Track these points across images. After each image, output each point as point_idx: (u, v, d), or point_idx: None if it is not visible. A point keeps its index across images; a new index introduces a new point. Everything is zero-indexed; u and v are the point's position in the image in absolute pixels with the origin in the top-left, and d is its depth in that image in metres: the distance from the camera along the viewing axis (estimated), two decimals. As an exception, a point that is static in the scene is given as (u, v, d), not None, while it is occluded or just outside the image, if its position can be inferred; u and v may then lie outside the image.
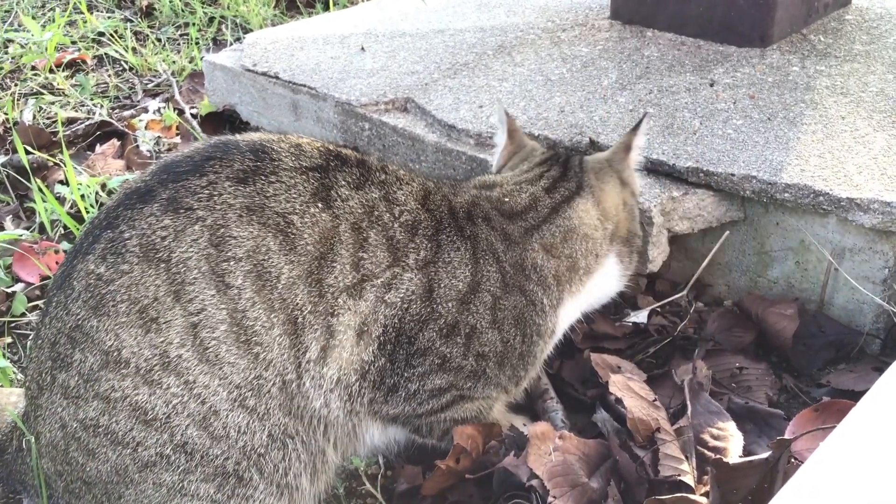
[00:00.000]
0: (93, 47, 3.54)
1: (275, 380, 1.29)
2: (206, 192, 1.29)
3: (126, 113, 3.01)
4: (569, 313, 1.56)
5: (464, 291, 1.40)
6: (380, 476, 1.58)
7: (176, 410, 1.26)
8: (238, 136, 1.41)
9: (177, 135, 2.81)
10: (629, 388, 1.54)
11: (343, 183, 1.36)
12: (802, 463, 1.10)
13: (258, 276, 1.28)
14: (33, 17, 3.66)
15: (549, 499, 1.34)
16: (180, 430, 1.27)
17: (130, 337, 1.25)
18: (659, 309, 1.87)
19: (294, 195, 1.32)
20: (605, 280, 1.58)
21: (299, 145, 1.39)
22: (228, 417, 1.28)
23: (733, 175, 1.77)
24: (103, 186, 2.44)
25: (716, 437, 1.48)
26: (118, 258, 1.26)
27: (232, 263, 1.27)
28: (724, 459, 1.39)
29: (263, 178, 1.32)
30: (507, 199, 1.53)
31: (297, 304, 1.29)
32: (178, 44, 3.60)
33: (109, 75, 3.30)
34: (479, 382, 1.46)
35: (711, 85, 2.11)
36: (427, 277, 1.38)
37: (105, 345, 1.25)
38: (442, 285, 1.39)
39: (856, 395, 1.21)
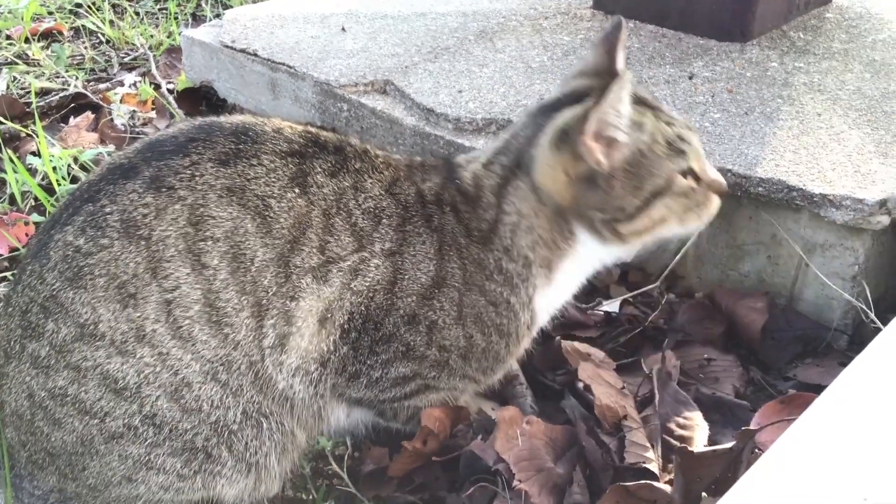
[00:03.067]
0: (70, 18, 3.50)
1: (243, 360, 1.30)
2: (189, 171, 1.30)
3: (102, 86, 2.97)
4: (547, 304, 1.49)
5: (427, 286, 1.39)
6: (346, 457, 1.58)
7: (147, 380, 1.26)
8: (222, 118, 1.41)
9: (152, 109, 2.78)
10: (598, 376, 1.55)
11: (319, 170, 1.36)
12: (766, 453, 1.12)
13: (234, 257, 1.28)
14: (10, -14, 3.60)
15: (515, 482, 1.35)
16: (150, 400, 1.26)
17: (108, 312, 1.24)
18: (631, 299, 1.88)
19: (273, 179, 1.32)
20: (580, 260, 1.45)
21: (280, 129, 1.39)
22: (201, 390, 1.28)
23: (709, 167, 1.78)
24: (76, 159, 2.41)
25: (682, 427, 1.49)
26: (98, 232, 1.26)
27: (209, 243, 1.27)
28: (689, 448, 1.40)
29: (245, 160, 1.32)
30: (462, 181, 1.45)
31: (265, 286, 1.29)
32: (157, 18, 3.56)
33: (86, 47, 3.25)
34: (444, 372, 1.45)
35: (690, 78, 2.12)
36: (393, 266, 1.37)
37: (81, 318, 1.25)
38: (406, 277, 1.37)
39: (821, 390, 1.22)
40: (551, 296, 1.48)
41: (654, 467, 1.40)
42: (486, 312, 1.43)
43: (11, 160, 2.34)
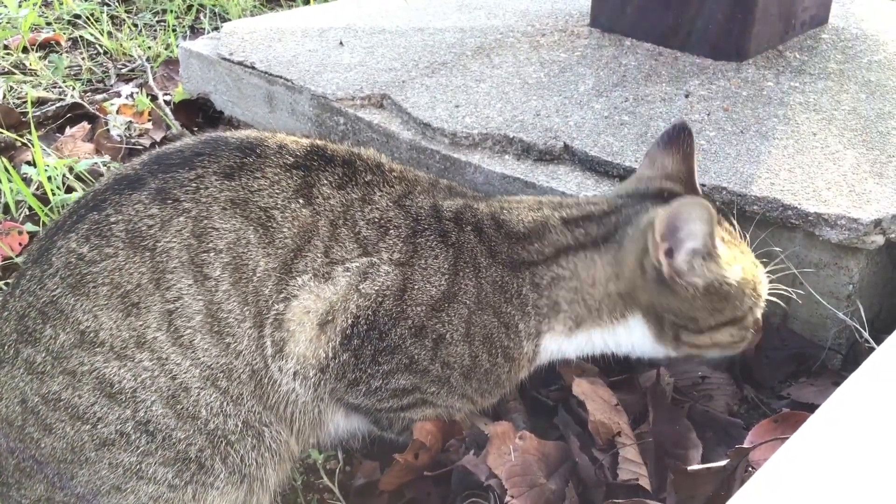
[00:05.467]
0: (68, 29, 3.50)
1: (244, 369, 1.30)
2: (194, 185, 1.32)
3: (98, 97, 2.97)
4: (557, 350, 1.48)
5: (437, 299, 1.38)
6: (338, 471, 1.57)
7: (144, 384, 1.26)
8: (227, 133, 1.44)
9: (149, 121, 2.78)
10: (592, 392, 1.55)
11: (325, 182, 1.37)
12: (760, 471, 1.11)
13: (236, 268, 1.29)
14: (8, -4, 3.61)
15: (507, 498, 1.34)
16: (145, 406, 1.26)
17: (110, 320, 1.25)
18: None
19: (277, 191, 1.34)
20: (613, 338, 1.47)
21: (285, 144, 1.41)
22: (200, 395, 1.28)
23: (704, 185, 1.78)
24: (71, 169, 2.41)
25: (676, 444, 1.49)
26: (103, 241, 1.27)
27: (212, 255, 1.29)
28: (683, 466, 1.40)
29: (249, 173, 1.34)
30: (505, 213, 1.47)
31: (266, 294, 1.30)
32: (155, 30, 3.56)
33: (83, 58, 3.26)
34: (444, 389, 1.44)
35: (686, 96, 2.12)
36: (403, 276, 1.37)
37: (81, 325, 1.25)
38: (415, 287, 1.37)
39: (815, 409, 1.22)
40: (564, 346, 1.49)
41: (647, 484, 1.39)
42: (498, 334, 1.42)
43: (6, 169, 2.33)
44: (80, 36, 3.42)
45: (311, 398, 1.37)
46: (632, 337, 1.46)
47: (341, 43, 2.56)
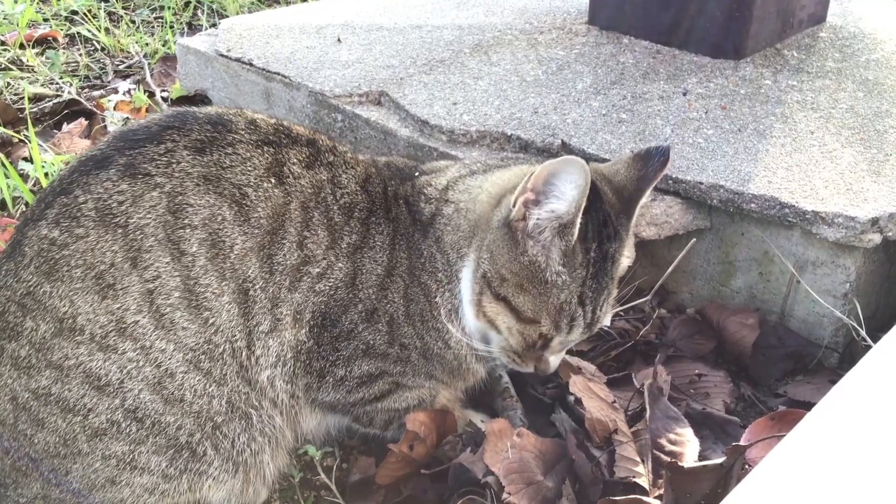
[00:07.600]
0: (65, 25, 3.49)
1: (224, 346, 1.29)
2: (165, 159, 1.29)
3: (96, 93, 2.96)
4: (472, 324, 1.44)
5: (382, 276, 1.39)
6: (335, 467, 1.57)
7: (130, 375, 1.25)
8: (195, 108, 1.41)
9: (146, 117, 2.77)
10: (589, 389, 1.55)
11: (295, 160, 1.37)
12: (756, 469, 1.11)
13: (212, 244, 1.28)
14: (5, -8, 3.60)
15: (504, 495, 1.34)
16: (133, 394, 1.26)
17: (86, 303, 1.23)
18: (622, 313, 1.88)
19: (249, 168, 1.33)
20: (461, 286, 1.44)
21: (254, 120, 1.40)
22: (184, 379, 1.28)
23: (701, 183, 1.78)
24: (68, 165, 2.40)
25: (672, 442, 1.49)
26: (73, 222, 1.25)
27: (188, 231, 1.27)
28: (679, 463, 1.40)
29: (220, 149, 1.32)
30: (429, 185, 1.48)
31: (249, 276, 1.30)
32: (153, 26, 3.56)
33: (81, 54, 3.25)
34: (408, 367, 1.45)
35: (684, 94, 2.12)
36: (353, 263, 1.38)
37: (59, 311, 1.23)
38: (364, 270, 1.38)
39: (812, 407, 1.22)
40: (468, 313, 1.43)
41: (643, 482, 1.39)
42: (424, 311, 1.42)
43: (3, 165, 2.33)
44: (78, 32, 3.41)
45: (288, 394, 1.37)
46: (462, 286, 1.40)
47: (339, 40, 2.56)
